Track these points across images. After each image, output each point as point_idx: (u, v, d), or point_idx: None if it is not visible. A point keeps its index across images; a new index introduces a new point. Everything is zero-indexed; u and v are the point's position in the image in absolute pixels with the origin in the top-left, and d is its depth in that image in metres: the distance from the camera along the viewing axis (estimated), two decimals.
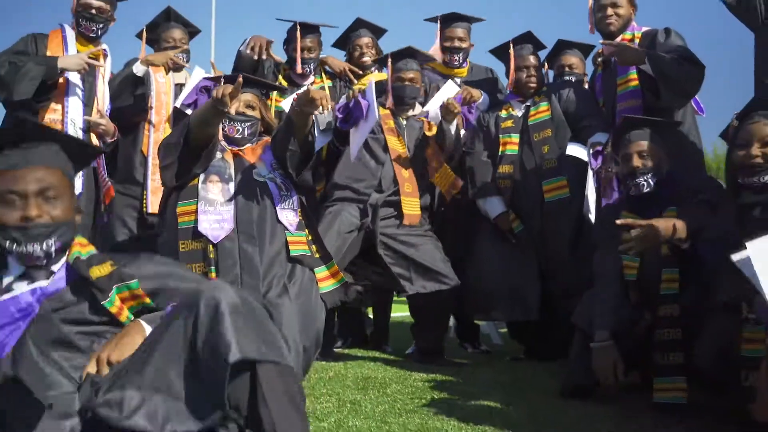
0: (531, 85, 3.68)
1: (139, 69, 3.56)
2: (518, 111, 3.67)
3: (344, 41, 4.15)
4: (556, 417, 2.37)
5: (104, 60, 3.51)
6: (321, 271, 2.67)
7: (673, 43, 3.25)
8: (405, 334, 4.01)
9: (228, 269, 2.47)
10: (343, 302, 2.84)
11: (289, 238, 2.61)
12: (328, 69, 4.02)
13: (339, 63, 4.00)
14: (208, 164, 2.61)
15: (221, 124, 2.68)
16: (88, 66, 3.29)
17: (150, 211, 3.53)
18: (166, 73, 3.69)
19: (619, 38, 3.41)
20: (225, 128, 2.70)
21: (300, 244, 2.63)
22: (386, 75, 3.60)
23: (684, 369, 2.44)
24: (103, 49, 3.53)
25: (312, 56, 3.84)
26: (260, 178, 2.64)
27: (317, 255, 2.71)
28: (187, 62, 3.87)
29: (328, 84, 3.95)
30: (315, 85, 3.86)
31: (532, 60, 3.71)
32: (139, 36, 3.83)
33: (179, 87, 3.74)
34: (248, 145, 2.75)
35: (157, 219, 3.23)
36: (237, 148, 2.72)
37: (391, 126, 3.50)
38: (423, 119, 3.54)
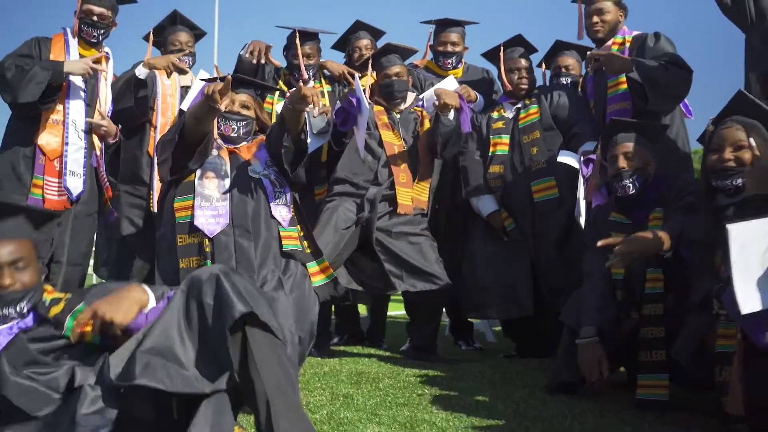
0: (522, 87, 3.75)
1: (141, 72, 3.64)
2: (509, 113, 3.74)
3: (344, 43, 4.24)
4: (541, 411, 2.44)
5: (106, 63, 3.60)
6: (312, 266, 2.74)
7: (662, 48, 3.33)
8: (401, 332, 4.09)
9: (224, 263, 2.52)
10: (333, 296, 2.93)
11: (282, 233, 2.67)
12: (327, 73, 4.10)
13: (337, 67, 4.07)
14: (203, 161, 2.68)
15: (217, 123, 2.75)
16: (92, 70, 3.38)
17: (156, 210, 3.62)
18: (168, 77, 3.76)
19: (610, 42, 3.49)
20: (221, 127, 2.77)
21: (292, 239, 2.70)
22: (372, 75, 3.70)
23: (667, 366, 2.51)
24: (105, 52, 3.62)
25: (311, 62, 3.92)
26: (255, 175, 2.71)
27: (309, 251, 2.78)
28: (193, 65, 3.96)
29: (328, 88, 4.04)
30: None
31: (523, 62, 3.78)
32: (146, 38, 3.91)
33: (185, 89, 3.83)
34: (243, 144, 2.82)
35: (155, 214, 3.36)
36: (232, 146, 2.79)
37: (385, 121, 3.60)
38: (417, 109, 3.64)
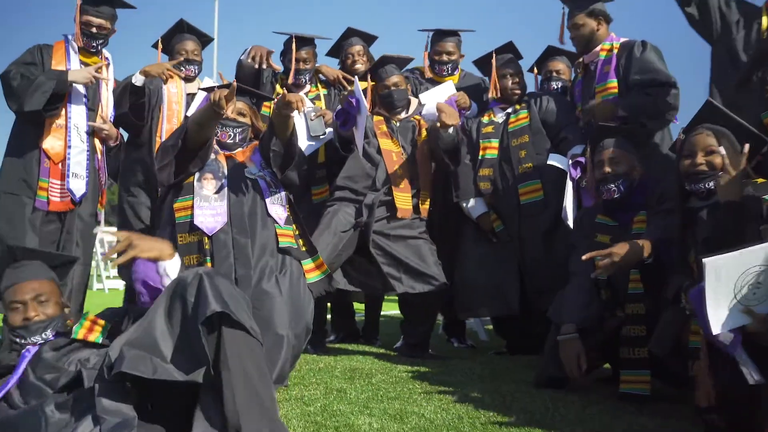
0: (516, 92, 3.86)
1: (138, 79, 3.72)
2: (499, 117, 3.85)
3: (337, 50, 4.34)
4: (526, 404, 2.55)
5: (107, 69, 3.71)
6: (307, 263, 2.85)
7: (648, 59, 3.40)
8: (395, 330, 4.20)
9: (222, 259, 2.64)
10: (327, 292, 3.04)
11: (278, 231, 2.78)
12: (323, 78, 4.20)
13: (332, 71, 4.18)
14: (203, 164, 2.78)
15: (215, 130, 2.84)
16: (95, 79, 3.49)
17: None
18: (165, 83, 3.85)
19: (598, 48, 3.60)
20: (218, 134, 2.88)
21: (287, 237, 2.80)
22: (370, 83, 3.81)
23: (648, 363, 2.62)
24: (106, 58, 3.73)
25: (307, 67, 4.02)
26: (251, 176, 2.82)
27: (304, 248, 2.89)
28: (199, 73, 4.08)
29: (324, 92, 4.14)
30: (311, 94, 4.07)
31: (515, 68, 3.90)
32: (155, 46, 4.02)
33: (191, 96, 3.93)
34: (239, 150, 2.93)
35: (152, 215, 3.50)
36: (229, 152, 2.89)
37: (384, 130, 3.73)
38: (416, 117, 3.76)
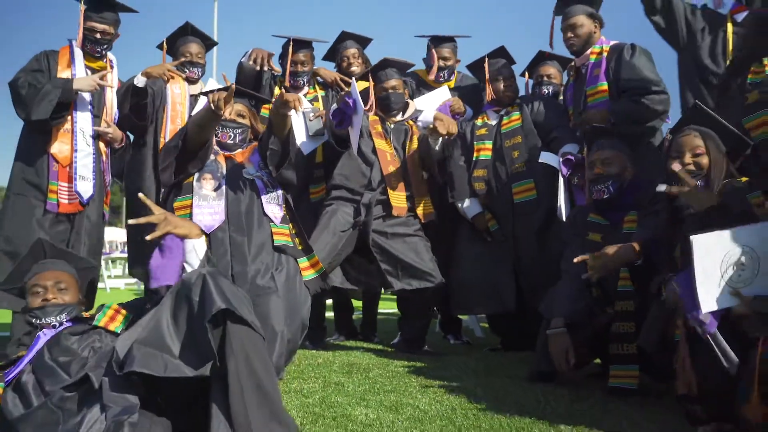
0: (508, 95, 3.95)
1: (140, 80, 3.81)
2: (493, 120, 3.94)
3: (333, 53, 4.43)
4: (518, 397, 2.64)
5: (111, 71, 3.77)
6: (303, 262, 2.93)
7: (637, 62, 3.47)
8: (392, 328, 4.29)
9: (220, 257, 2.71)
10: (323, 289, 3.13)
11: (274, 230, 2.86)
12: (320, 80, 4.29)
13: (329, 73, 4.27)
14: (203, 165, 2.87)
15: (215, 132, 2.94)
16: (99, 86, 3.57)
17: None
18: (166, 83, 3.93)
19: (588, 52, 3.69)
20: (218, 134, 2.97)
21: (283, 236, 2.88)
22: (368, 84, 3.90)
23: (636, 358, 2.70)
24: (110, 61, 3.80)
25: (305, 69, 4.11)
26: (248, 176, 2.90)
27: (300, 247, 2.97)
28: (202, 75, 4.16)
29: (321, 94, 4.23)
30: (309, 95, 4.17)
31: (507, 72, 3.99)
32: (160, 47, 4.11)
33: (194, 98, 4.01)
34: (238, 150, 3.01)
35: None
36: (228, 153, 2.98)
37: (379, 130, 3.82)
38: (410, 123, 3.84)
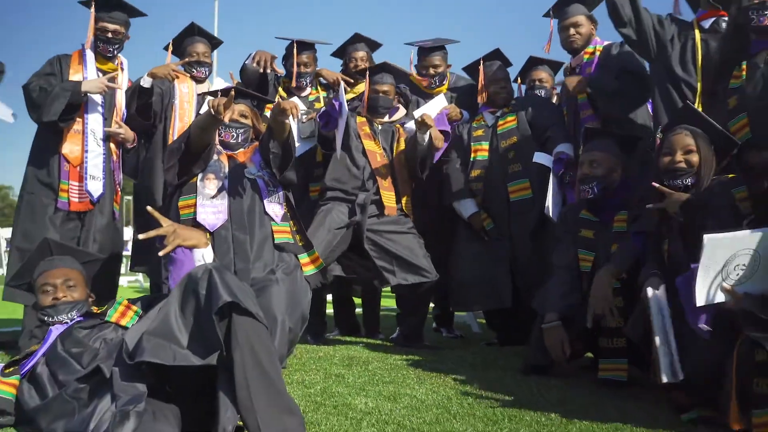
0: (503, 96, 4.06)
1: (146, 81, 3.88)
2: (489, 121, 4.04)
3: (342, 52, 4.52)
4: (512, 388, 2.75)
5: (121, 73, 3.87)
6: (303, 258, 3.03)
7: (623, 55, 3.62)
8: (391, 324, 4.39)
9: (223, 254, 2.81)
10: (323, 283, 3.23)
11: (275, 228, 2.96)
12: (323, 81, 4.38)
13: (332, 74, 4.35)
14: (206, 165, 2.96)
15: (218, 131, 3.04)
16: (107, 88, 3.66)
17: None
18: (171, 82, 4.01)
19: (582, 52, 3.80)
20: (221, 134, 3.07)
21: (284, 233, 2.98)
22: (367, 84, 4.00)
23: (625, 352, 2.81)
24: (121, 63, 3.89)
25: (308, 70, 4.21)
26: (250, 176, 3.00)
27: (300, 243, 3.08)
28: (209, 75, 4.25)
29: (323, 94, 4.32)
30: (312, 96, 4.27)
31: (501, 74, 4.09)
32: (167, 48, 4.19)
33: (201, 97, 4.06)
34: (241, 150, 3.11)
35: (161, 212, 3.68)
36: (231, 152, 3.08)
37: (367, 131, 3.94)
38: (398, 126, 3.96)
